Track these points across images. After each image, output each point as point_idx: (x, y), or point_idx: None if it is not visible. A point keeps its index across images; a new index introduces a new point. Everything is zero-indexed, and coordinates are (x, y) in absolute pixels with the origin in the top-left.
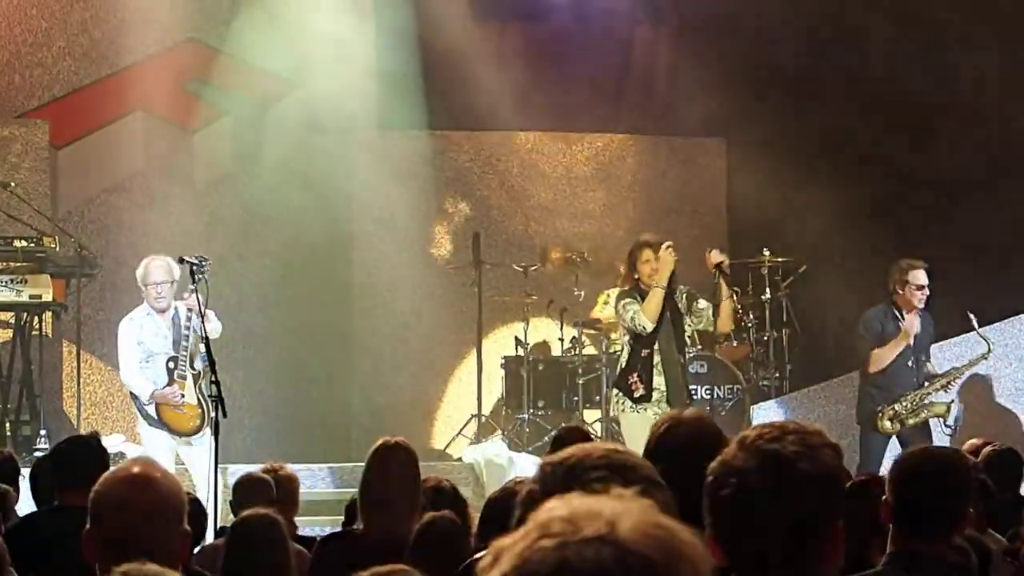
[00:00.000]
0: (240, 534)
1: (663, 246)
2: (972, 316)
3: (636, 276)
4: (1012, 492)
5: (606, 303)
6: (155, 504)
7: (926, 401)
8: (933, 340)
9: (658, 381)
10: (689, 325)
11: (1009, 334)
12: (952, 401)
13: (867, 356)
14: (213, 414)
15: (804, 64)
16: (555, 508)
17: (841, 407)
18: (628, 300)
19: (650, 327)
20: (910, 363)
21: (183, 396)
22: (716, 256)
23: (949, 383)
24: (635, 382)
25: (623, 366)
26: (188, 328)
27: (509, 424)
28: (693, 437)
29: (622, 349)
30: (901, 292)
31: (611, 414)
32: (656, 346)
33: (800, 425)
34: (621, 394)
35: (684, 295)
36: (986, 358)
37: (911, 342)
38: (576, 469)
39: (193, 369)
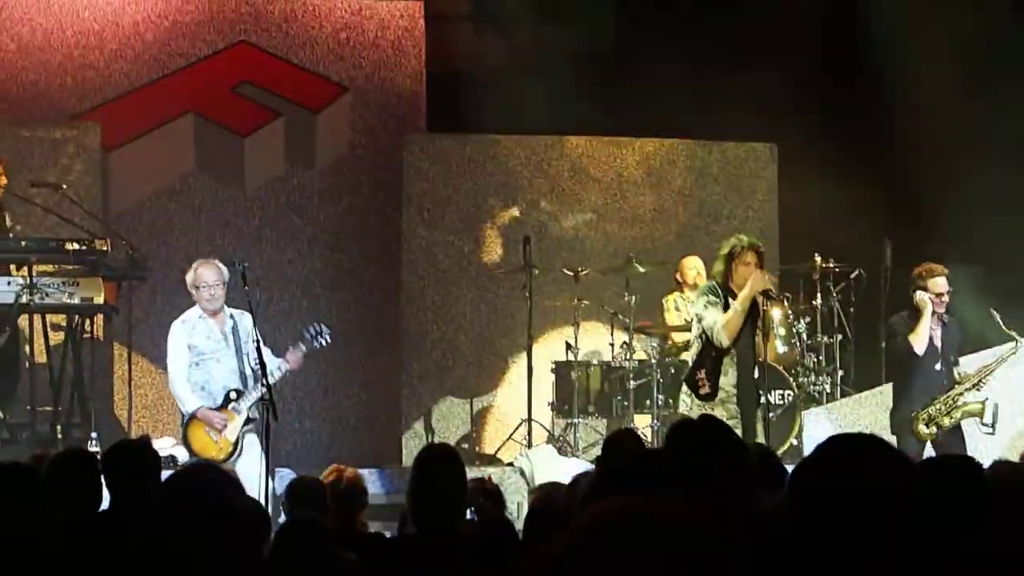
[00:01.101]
0: (281, 539)
1: (759, 272)
2: (995, 313)
3: (729, 274)
4: None
5: (678, 309)
6: None
7: (959, 402)
8: (961, 344)
9: (724, 381)
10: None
11: None
12: (986, 399)
13: (904, 347)
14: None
15: (855, 67)
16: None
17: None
18: (712, 299)
19: (726, 344)
20: (939, 366)
21: (225, 428)
22: (762, 275)
23: (980, 381)
24: (702, 379)
25: (693, 361)
26: (246, 333)
27: (559, 429)
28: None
29: (693, 343)
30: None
31: (680, 409)
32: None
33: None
34: (688, 390)
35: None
36: (1015, 353)
37: (938, 344)
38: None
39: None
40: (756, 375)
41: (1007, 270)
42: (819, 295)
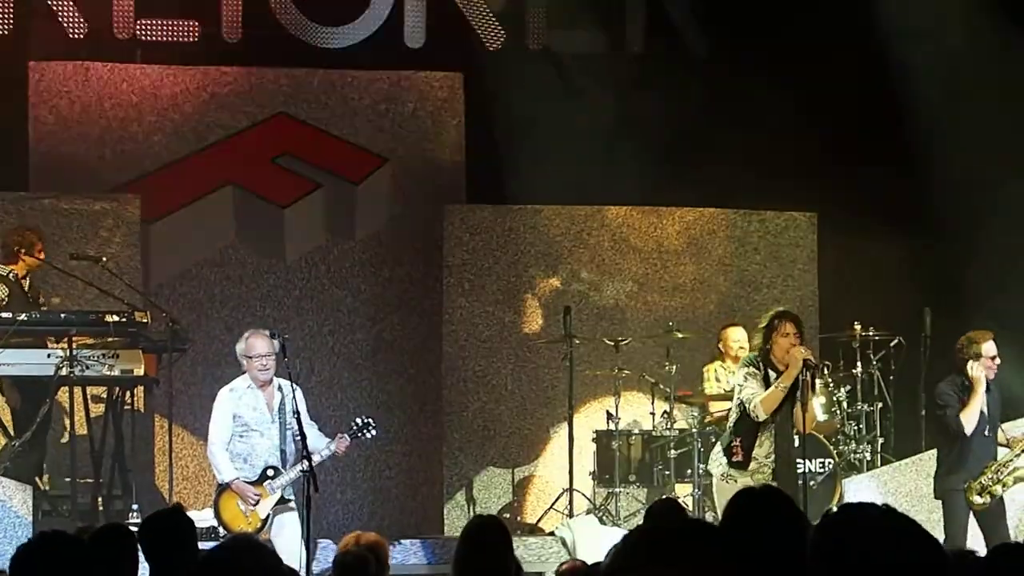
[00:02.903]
0: None
1: (799, 348)
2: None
3: (769, 347)
4: None
5: (718, 379)
6: None
7: (1010, 468)
8: (1002, 406)
9: (758, 452)
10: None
11: None
12: None
13: (955, 424)
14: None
15: (895, 136)
16: None
17: (933, 481)
18: (752, 371)
19: (763, 418)
20: (987, 432)
21: (257, 504)
22: (802, 352)
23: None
24: (736, 447)
25: (731, 428)
26: (294, 407)
27: (601, 498)
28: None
29: (733, 411)
30: (965, 361)
31: (711, 471)
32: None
33: None
34: (722, 456)
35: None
36: None
37: (985, 411)
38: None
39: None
40: (796, 444)
41: None
42: (859, 363)
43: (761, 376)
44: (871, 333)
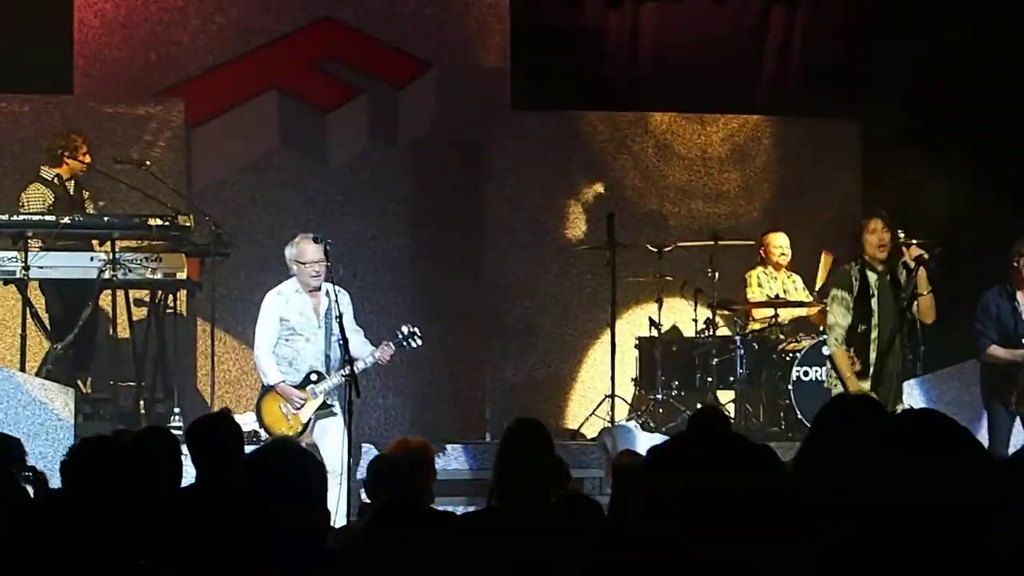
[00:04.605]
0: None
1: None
2: None
3: (861, 249)
4: None
5: (760, 285)
6: None
7: None
8: None
9: (875, 358)
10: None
11: None
12: None
13: (982, 355)
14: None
15: (938, 45)
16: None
17: (974, 389)
18: (838, 295)
19: (830, 351)
20: None
21: (301, 407)
22: (916, 250)
23: None
24: (852, 357)
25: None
26: (338, 312)
27: (642, 405)
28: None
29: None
30: (1016, 266)
31: (825, 387)
32: (873, 321)
33: None
34: (833, 369)
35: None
36: None
37: None
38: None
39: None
40: (897, 343)
41: None
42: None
43: (852, 295)
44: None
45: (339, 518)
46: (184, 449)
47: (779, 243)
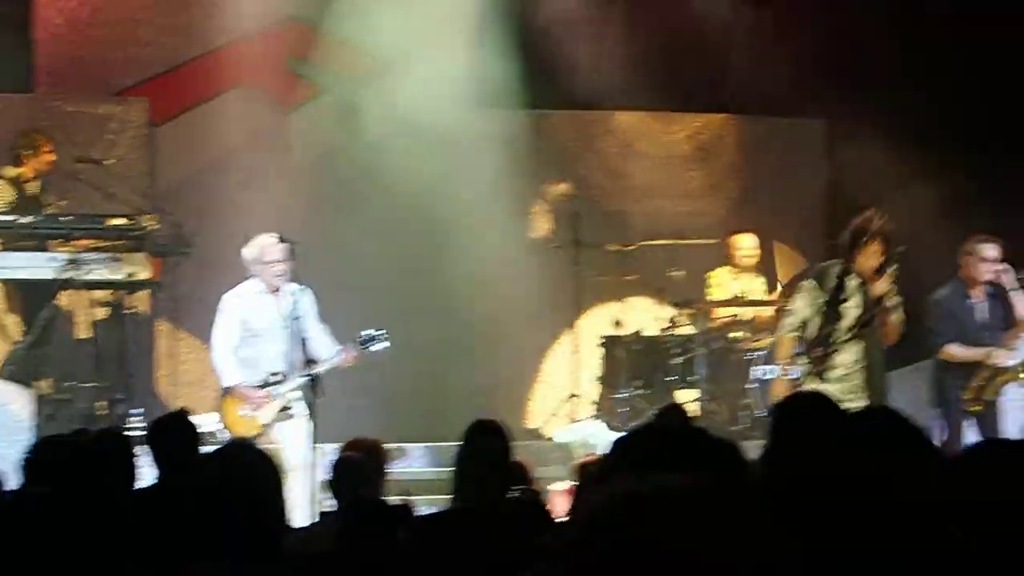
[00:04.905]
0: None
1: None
2: (1006, 271)
3: (854, 254)
4: None
5: (724, 285)
6: None
7: (998, 371)
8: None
9: (843, 358)
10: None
11: None
12: (1022, 361)
13: (937, 351)
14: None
15: (906, 44)
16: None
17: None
18: (815, 291)
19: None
20: (986, 337)
21: (260, 408)
22: (882, 285)
23: (1011, 343)
24: (812, 355)
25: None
26: (302, 311)
27: (605, 404)
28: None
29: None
30: (967, 266)
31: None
32: (840, 325)
33: None
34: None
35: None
36: None
37: (986, 316)
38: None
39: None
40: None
41: None
42: None
43: (825, 296)
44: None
45: (302, 517)
46: (141, 450)
47: (743, 244)
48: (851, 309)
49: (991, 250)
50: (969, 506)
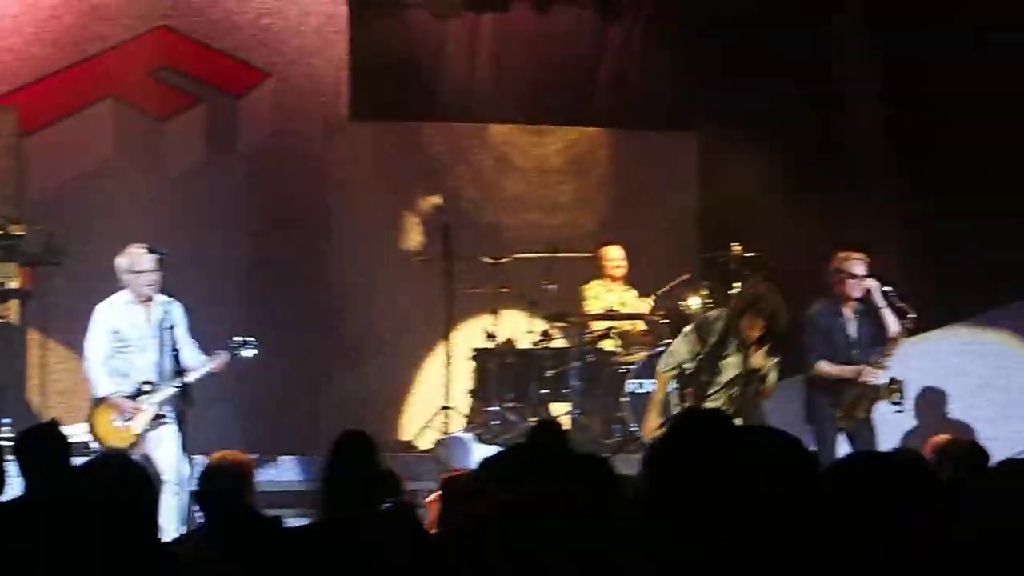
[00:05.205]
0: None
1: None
2: (886, 288)
3: (737, 326)
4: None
5: (597, 298)
6: None
7: (869, 388)
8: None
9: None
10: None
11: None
12: (891, 378)
13: (811, 368)
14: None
15: (772, 55)
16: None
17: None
18: (695, 337)
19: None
20: (854, 354)
21: (132, 418)
22: (759, 358)
23: (881, 361)
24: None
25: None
26: (172, 322)
27: (477, 417)
28: None
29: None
30: (837, 282)
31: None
32: (717, 379)
33: None
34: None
35: None
36: (910, 325)
37: (854, 333)
38: None
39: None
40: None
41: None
42: (738, 283)
43: (704, 347)
44: (749, 253)
45: (173, 529)
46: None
47: (613, 256)
48: (729, 367)
49: (858, 266)
50: (840, 515)
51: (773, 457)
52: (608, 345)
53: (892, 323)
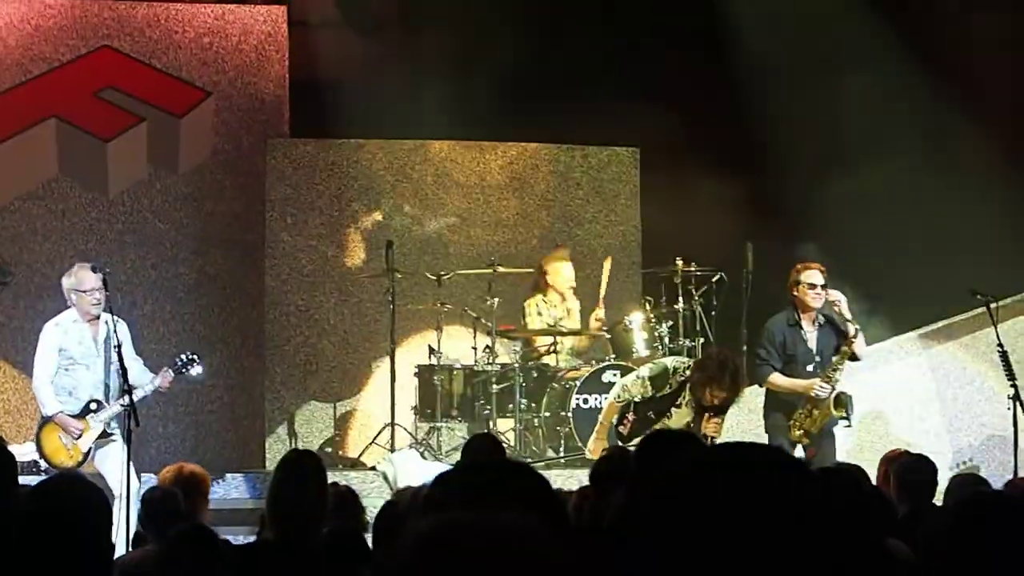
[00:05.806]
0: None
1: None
2: (838, 302)
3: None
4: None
5: (540, 313)
6: None
7: (819, 403)
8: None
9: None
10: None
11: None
12: (839, 392)
13: (761, 381)
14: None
15: (718, 70)
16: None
17: (752, 416)
18: (640, 382)
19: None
20: (810, 367)
21: (80, 437)
22: (712, 426)
23: (830, 379)
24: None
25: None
26: (117, 340)
27: (422, 433)
28: None
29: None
30: (796, 294)
31: None
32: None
33: None
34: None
35: None
36: (855, 339)
37: (812, 346)
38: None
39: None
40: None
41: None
42: (681, 299)
43: (654, 395)
44: (693, 268)
45: (119, 546)
46: None
47: (567, 275)
48: (683, 417)
49: (816, 276)
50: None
51: (764, 464)
52: (552, 360)
53: (851, 337)
